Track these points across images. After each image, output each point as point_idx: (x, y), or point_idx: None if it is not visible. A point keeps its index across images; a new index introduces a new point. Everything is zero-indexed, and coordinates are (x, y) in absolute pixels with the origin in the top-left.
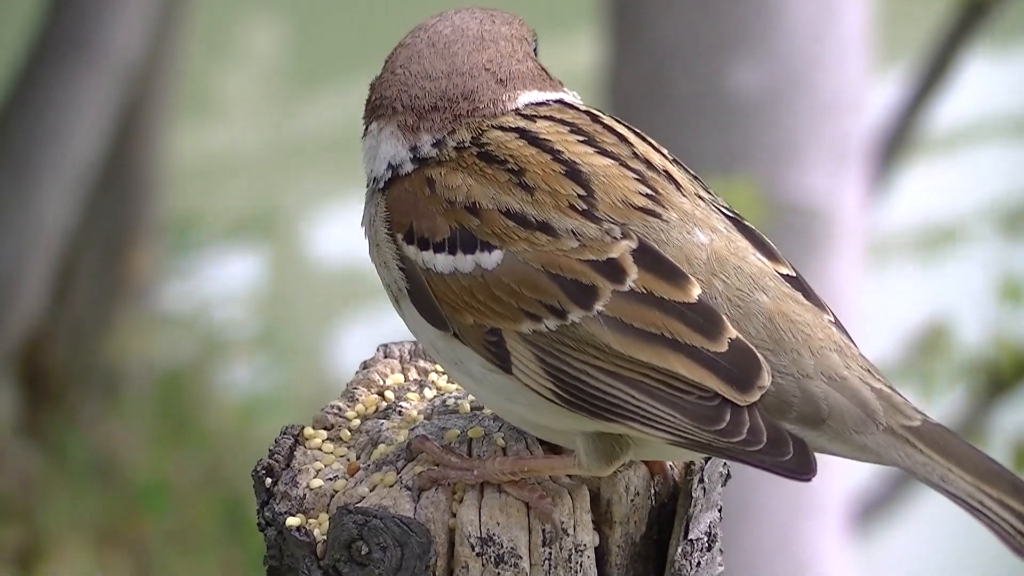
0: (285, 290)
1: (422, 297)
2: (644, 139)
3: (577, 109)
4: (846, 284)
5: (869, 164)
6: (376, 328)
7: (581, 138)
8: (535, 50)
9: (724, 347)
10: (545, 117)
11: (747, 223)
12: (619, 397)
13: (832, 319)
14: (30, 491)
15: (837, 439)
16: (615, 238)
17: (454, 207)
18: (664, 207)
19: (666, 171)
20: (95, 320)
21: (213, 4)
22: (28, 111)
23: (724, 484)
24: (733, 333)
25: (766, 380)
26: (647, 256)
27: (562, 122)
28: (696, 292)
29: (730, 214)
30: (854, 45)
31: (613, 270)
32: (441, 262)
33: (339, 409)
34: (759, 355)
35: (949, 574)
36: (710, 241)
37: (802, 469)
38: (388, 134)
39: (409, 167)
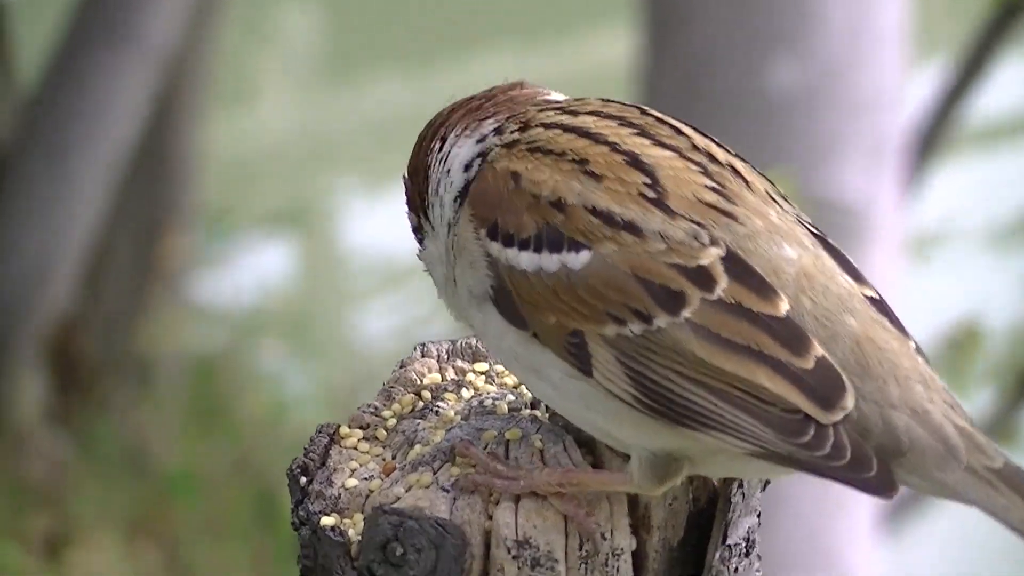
0: (318, 281)
1: (504, 297)
2: (702, 133)
3: (622, 103)
4: (883, 281)
5: (906, 161)
6: (408, 320)
7: (634, 131)
8: None
9: (811, 364)
10: (589, 112)
11: (831, 241)
12: (702, 405)
13: (916, 346)
14: (60, 479)
15: (915, 473)
16: (703, 244)
17: (539, 202)
18: (737, 205)
19: (731, 166)
20: (127, 308)
21: None
22: (64, 97)
23: (763, 490)
24: (820, 351)
25: (849, 403)
26: (737, 266)
27: (609, 116)
28: (784, 307)
29: (814, 229)
30: (891, 43)
31: (702, 277)
32: (526, 260)
33: (375, 408)
34: (844, 377)
35: (977, 573)
36: (798, 256)
37: (885, 487)
38: (459, 142)
39: (479, 161)
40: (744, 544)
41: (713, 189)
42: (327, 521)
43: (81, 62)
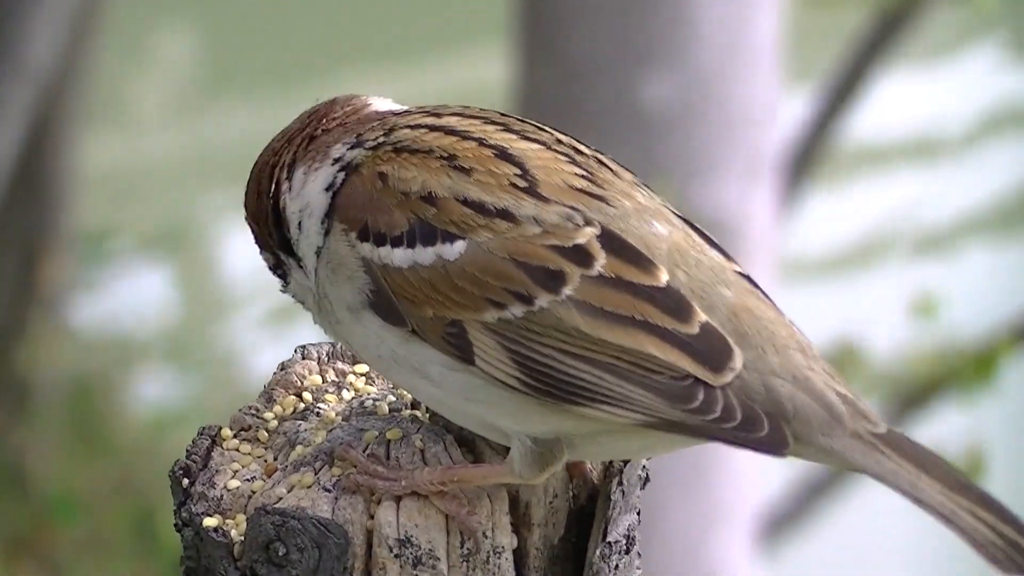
0: (196, 303)
1: (380, 297)
2: (563, 132)
3: (482, 108)
4: None
5: (781, 179)
6: (285, 342)
7: (499, 127)
8: None
9: (696, 329)
10: (452, 114)
11: (697, 225)
12: (588, 380)
13: (789, 320)
14: None
15: (802, 441)
16: (578, 225)
17: (409, 198)
18: (605, 189)
19: (596, 158)
20: (6, 330)
21: (125, 13)
22: None
23: (643, 487)
24: (703, 317)
25: (738, 363)
26: (613, 242)
27: (472, 116)
28: (664, 277)
29: (679, 214)
30: (766, 59)
31: (580, 255)
32: (399, 256)
33: (257, 410)
34: (729, 339)
35: None
36: (669, 233)
37: (777, 445)
38: (310, 175)
39: (341, 176)
40: (624, 541)
41: (582, 176)
42: (210, 522)
43: None
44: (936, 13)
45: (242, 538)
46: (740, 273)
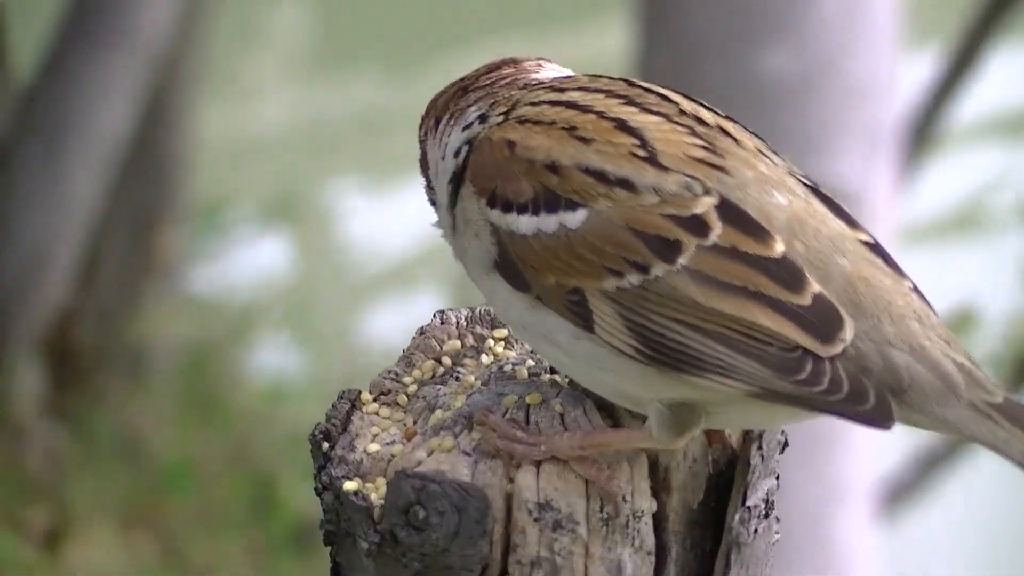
0: (312, 273)
1: (507, 262)
2: (690, 99)
3: (610, 77)
4: None
5: (900, 150)
6: (404, 312)
7: (621, 101)
8: None
9: (808, 300)
10: (576, 88)
11: (824, 191)
12: (700, 350)
13: (912, 286)
14: (57, 471)
15: (916, 410)
16: (696, 194)
17: (534, 167)
18: (725, 159)
19: (720, 127)
20: (122, 301)
21: None
22: (58, 92)
23: (782, 452)
24: (816, 288)
25: (848, 334)
26: (731, 212)
27: (596, 90)
28: (780, 248)
29: (806, 181)
30: (885, 31)
31: (697, 225)
32: (524, 223)
33: (396, 374)
34: (841, 310)
35: (975, 559)
36: (789, 203)
37: (882, 418)
38: (446, 130)
39: (466, 148)
40: (763, 506)
41: (702, 147)
42: (350, 486)
43: (75, 58)
44: None
45: (382, 502)
46: (865, 242)
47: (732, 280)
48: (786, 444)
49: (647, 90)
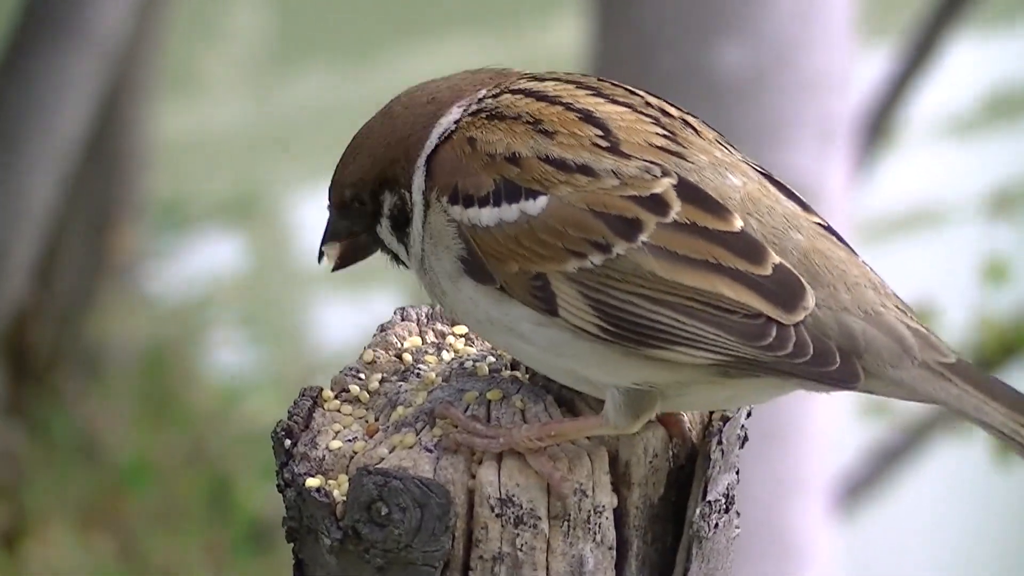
0: (268, 271)
1: (472, 256)
2: (656, 96)
3: (584, 74)
4: None
5: (855, 144)
6: (359, 309)
7: (590, 92)
8: None
9: (768, 271)
10: (553, 78)
11: (777, 177)
12: (664, 323)
13: (864, 262)
14: (15, 470)
15: (873, 374)
16: (655, 176)
17: (495, 160)
18: (685, 147)
19: (683, 119)
20: (79, 299)
21: None
22: (12, 90)
23: (742, 447)
24: (777, 259)
25: (810, 302)
26: (689, 191)
27: (568, 81)
28: (738, 223)
29: (760, 169)
30: (840, 24)
31: (657, 204)
32: (487, 215)
33: (357, 371)
34: (800, 278)
35: (931, 553)
36: (743, 184)
37: (848, 377)
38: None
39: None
40: (724, 500)
41: (663, 136)
42: (312, 482)
43: (29, 56)
44: None
45: (344, 498)
46: (817, 223)
47: (692, 254)
48: (746, 439)
49: (615, 84)
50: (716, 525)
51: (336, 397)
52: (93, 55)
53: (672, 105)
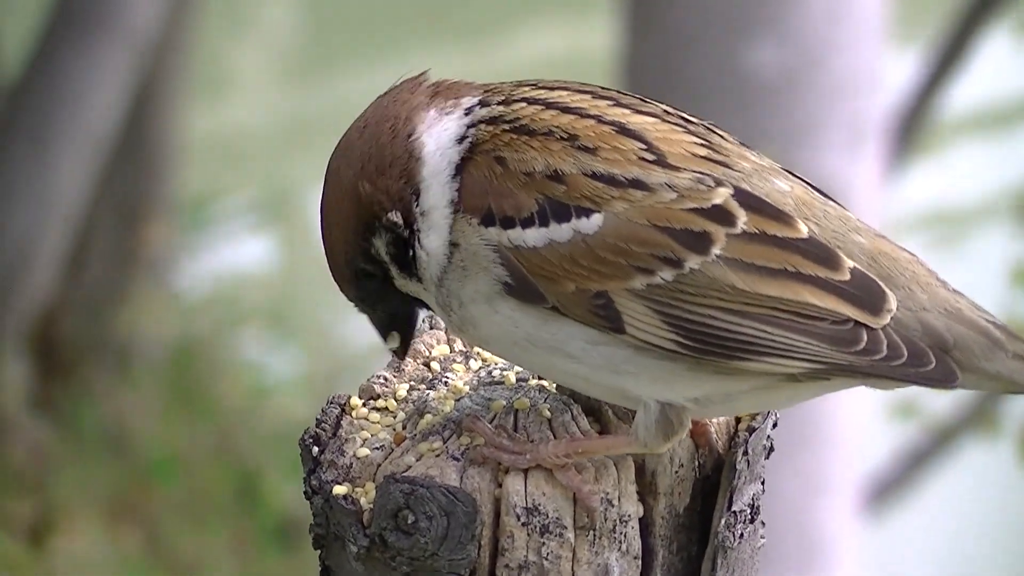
0: (298, 268)
1: (516, 279)
2: (665, 103)
3: (579, 83)
4: None
5: (886, 145)
6: None
7: (610, 102)
8: None
9: (847, 276)
10: (560, 88)
11: (807, 180)
12: (751, 334)
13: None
14: (42, 463)
15: (967, 368)
16: (710, 187)
17: (534, 178)
18: (725, 155)
19: (705, 125)
20: (108, 294)
21: None
22: (45, 84)
23: (767, 457)
24: (851, 263)
25: (893, 304)
26: (749, 199)
27: (579, 91)
28: (804, 229)
29: (789, 171)
30: (871, 25)
31: (721, 214)
32: (532, 236)
33: (385, 379)
34: (879, 281)
35: (957, 555)
36: (791, 188)
37: (947, 377)
38: (438, 122)
39: (472, 132)
40: (749, 511)
41: (700, 144)
42: (339, 490)
43: (62, 50)
44: None
45: (371, 506)
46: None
47: (769, 263)
48: (772, 449)
49: (622, 92)
50: (741, 535)
51: (364, 405)
52: (125, 50)
53: (686, 112)
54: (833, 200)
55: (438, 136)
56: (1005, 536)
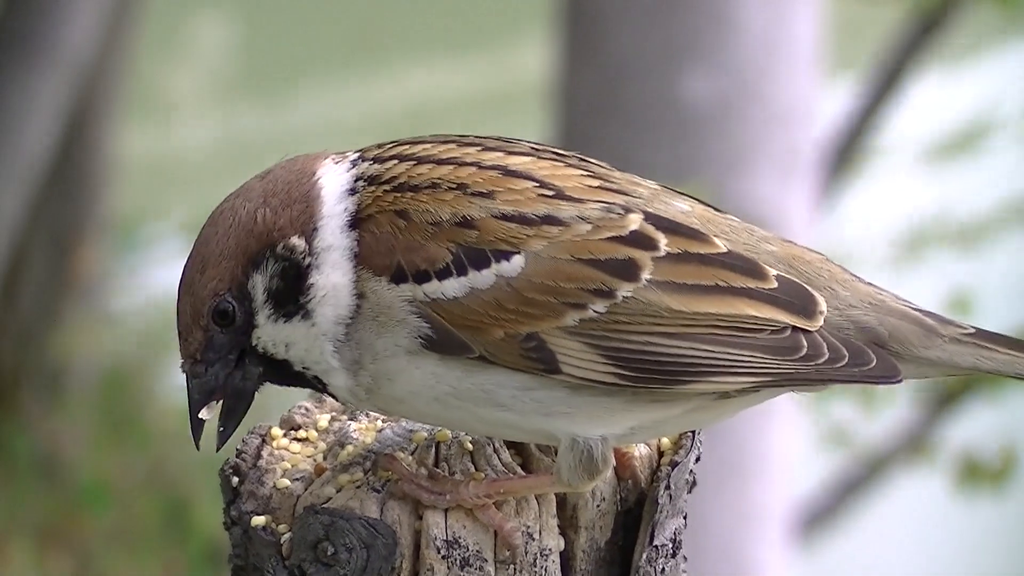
0: None
1: (437, 333)
2: (525, 140)
3: (431, 135)
4: None
5: (819, 175)
6: None
7: (478, 148)
8: None
9: (774, 283)
10: (422, 142)
11: (698, 198)
12: (692, 355)
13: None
14: None
15: (906, 359)
16: (620, 214)
17: (442, 227)
18: (615, 183)
19: (579, 157)
20: (42, 317)
21: (163, 4)
22: None
23: (690, 491)
24: (774, 271)
25: (823, 304)
26: (661, 222)
27: (442, 142)
28: (722, 244)
29: (680, 191)
30: (805, 56)
31: (642, 239)
32: (451, 287)
33: (307, 410)
34: (806, 285)
35: None
36: (692, 208)
37: (889, 372)
38: (327, 166)
39: (353, 197)
40: (671, 545)
41: (587, 176)
42: (258, 521)
43: None
44: (974, 11)
45: (290, 536)
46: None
47: (701, 281)
48: (694, 483)
49: (481, 136)
50: (663, 570)
51: (285, 435)
52: (60, 73)
53: (550, 146)
54: (729, 214)
55: (335, 180)
56: (938, 565)
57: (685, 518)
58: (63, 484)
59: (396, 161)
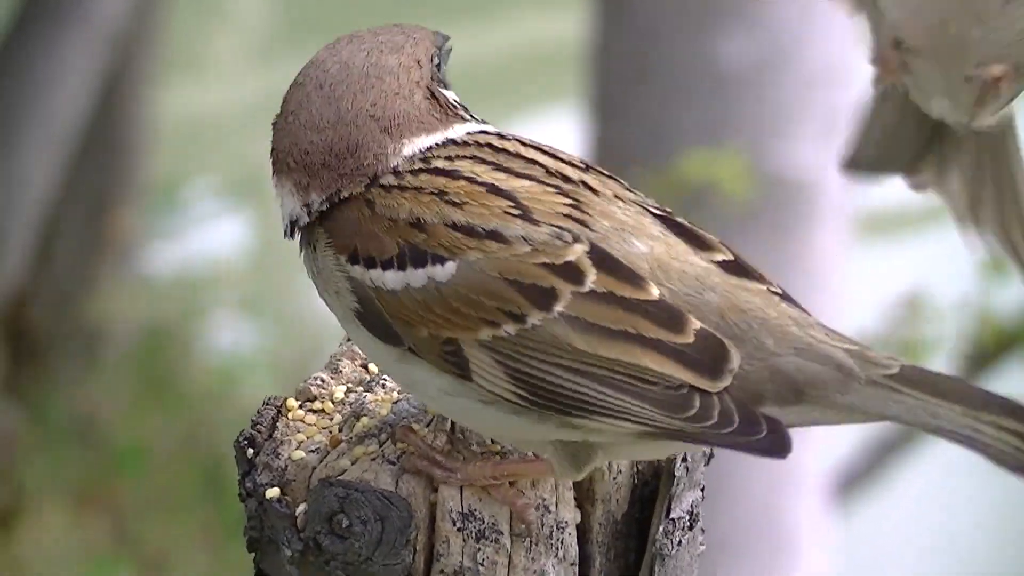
0: (269, 252)
1: (373, 316)
2: (555, 156)
3: (478, 144)
4: (830, 257)
5: None
6: None
7: (489, 167)
8: (439, 63)
9: (691, 338)
10: (432, 171)
11: (678, 219)
12: (585, 393)
13: (779, 292)
14: (10, 452)
15: (820, 405)
16: (567, 242)
17: (397, 224)
18: (588, 214)
19: (583, 182)
20: (78, 281)
21: None
22: (13, 73)
23: (707, 464)
24: (697, 324)
25: (735, 362)
26: (603, 259)
27: (462, 157)
28: (655, 291)
29: (659, 212)
30: (842, 18)
31: (571, 272)
32: (391, 279)
33: (323, 381)
34: (724, 340)
35: (928, 547)
36: (650, 249)
37: (776, 447)
38: (287, 191)
39: (306, 220)
40: (688, 518)
41: (568, 204)
42: (273, 493)
43: (28, 39)
44: None
45: (305, 509)
46: (723, 261)
47: (612, 324)
48: (711, 456)
49: (512, 155)
50: (679, 543)
51: (300, 406)
52: (94, 38)
53: (573, 166)
54: (698, 242)
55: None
56: (976, 528)
57: (703, 490)
58: (99, 447)
59: (409, 175)
